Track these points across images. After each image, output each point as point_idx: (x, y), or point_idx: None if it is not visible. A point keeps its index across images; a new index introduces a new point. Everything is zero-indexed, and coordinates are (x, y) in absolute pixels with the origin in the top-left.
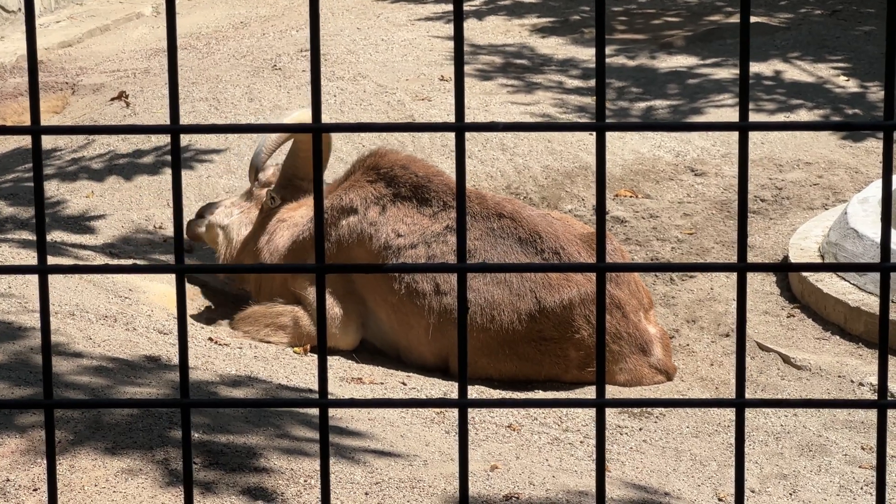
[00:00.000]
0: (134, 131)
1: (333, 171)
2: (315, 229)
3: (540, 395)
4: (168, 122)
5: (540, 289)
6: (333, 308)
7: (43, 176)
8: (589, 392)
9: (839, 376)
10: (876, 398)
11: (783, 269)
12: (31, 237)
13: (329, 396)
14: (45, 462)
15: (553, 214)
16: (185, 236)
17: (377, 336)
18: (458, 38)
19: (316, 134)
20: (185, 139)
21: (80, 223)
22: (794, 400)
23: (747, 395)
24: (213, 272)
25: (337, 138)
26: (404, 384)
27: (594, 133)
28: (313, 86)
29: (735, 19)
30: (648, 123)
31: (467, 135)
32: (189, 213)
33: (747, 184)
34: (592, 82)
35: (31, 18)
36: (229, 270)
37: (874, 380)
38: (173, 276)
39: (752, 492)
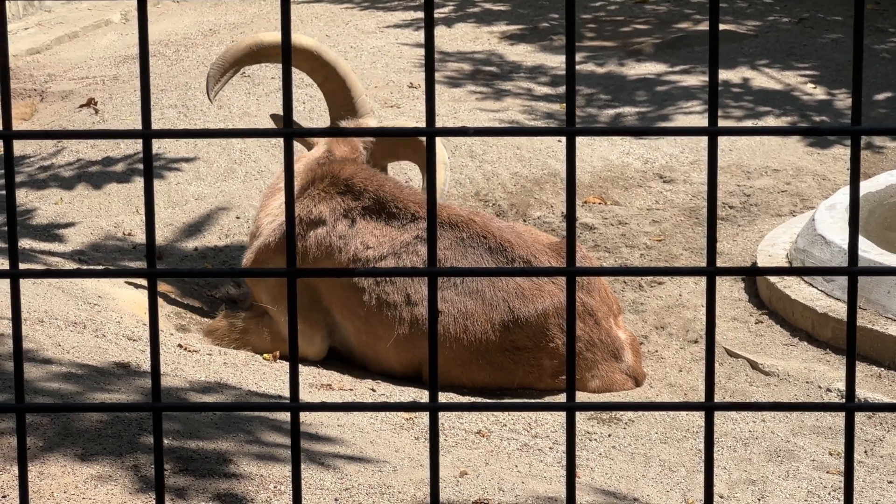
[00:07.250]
0: (107, 136)
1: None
2: (287, 234)
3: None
4: (139, 128)
5: (513, 299)
6: (298, 321)
7: (15, 182)
8: (560, 398)
9: (807, 382)
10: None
11: (752, 273)
12: (3, 244)
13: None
14: (14, 469)
15: (518, 227)
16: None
17: (344, 346)
18: (429, 43)
19: (288, 139)
20: (154, 147)
21: (50, 231)
22: (762, 403)
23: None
24: (183, 276)
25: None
26: (373, 390)
27: (563, 139)
28: (285, 91)
29: (703, 27)
30: (619, 128)
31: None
32: (158, 220)
33: (716, 189)
34: (561, 89)
35: (3, 21)
36: (198, 274)
37: (841, 385)
38: (143, 282)
39: (721, 497)
